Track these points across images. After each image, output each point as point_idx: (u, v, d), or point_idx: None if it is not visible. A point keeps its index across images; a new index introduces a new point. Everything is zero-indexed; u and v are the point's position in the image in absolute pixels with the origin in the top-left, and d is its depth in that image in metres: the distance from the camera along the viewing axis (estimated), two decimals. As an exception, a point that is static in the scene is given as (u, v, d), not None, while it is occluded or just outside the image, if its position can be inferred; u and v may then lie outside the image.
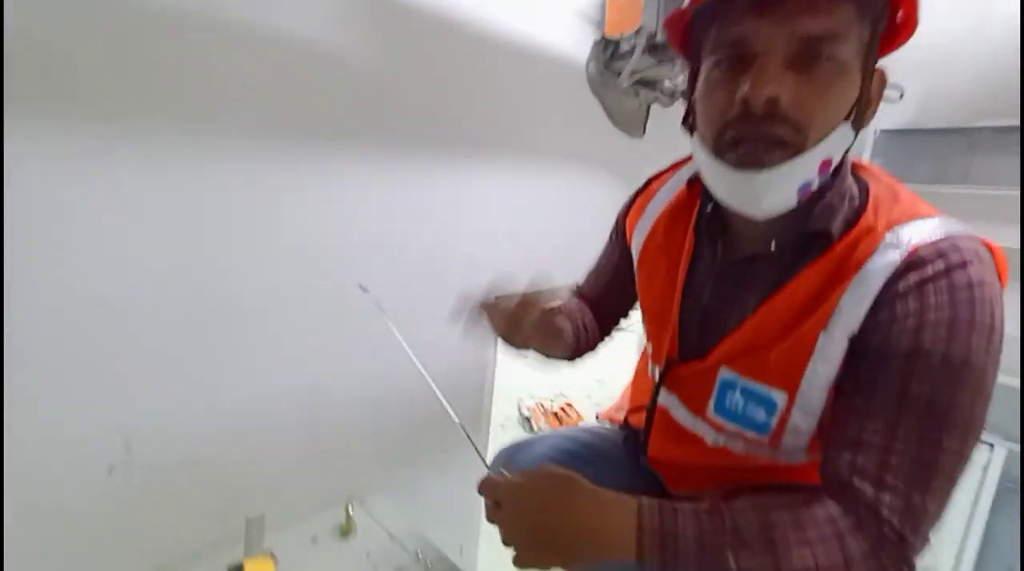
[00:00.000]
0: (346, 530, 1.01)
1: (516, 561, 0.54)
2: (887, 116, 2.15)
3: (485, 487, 0.56)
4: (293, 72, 0.91)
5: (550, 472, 0.56)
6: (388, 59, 1.05)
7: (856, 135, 0.54)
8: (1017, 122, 1.89)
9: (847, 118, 0.52)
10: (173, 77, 0.78)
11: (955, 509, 2.10)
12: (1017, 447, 1.98)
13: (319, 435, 1.07)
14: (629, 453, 0.83)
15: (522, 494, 0.55)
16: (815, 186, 0.53)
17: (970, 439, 0.49)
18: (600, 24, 1.49)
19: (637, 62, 1.46)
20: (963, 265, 0.48)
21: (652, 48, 1.43)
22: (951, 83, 2.02)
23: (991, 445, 1.99)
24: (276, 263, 0.95)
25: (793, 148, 0.50)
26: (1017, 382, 1.88)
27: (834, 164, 0.54)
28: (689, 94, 0.62)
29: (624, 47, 1.48)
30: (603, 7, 1.48)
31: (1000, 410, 1.74)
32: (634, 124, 1.72)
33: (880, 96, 0.56)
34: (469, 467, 0.68)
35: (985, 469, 2.00)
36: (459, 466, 1.40)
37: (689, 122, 0.61)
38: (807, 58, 0.49)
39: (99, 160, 0.74)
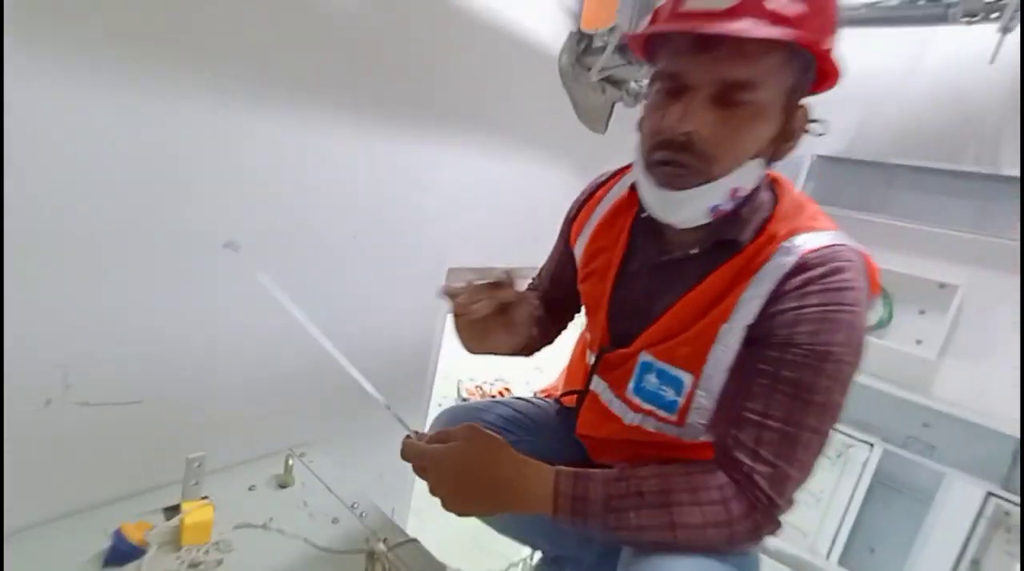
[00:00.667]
0: (285, 481, 1.04)
1: (444, 507, 0.62)
2: (825, 143, 2.34)
3: (407, 451, 0.64)
4: (277, 17, 0.90)
5: (478, 431, 0.64)
6: (371, 19, 1.05)
7: (767, 165, 0.64)
8: (933, 165, 2.13)
9: (763, 154, 0.61)
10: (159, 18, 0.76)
11: (836, 498, 2.39)
12: (891, 447, 2.26)
13: (263, 386, 1.08)
14: (562, 425, 0.92)
15: (446, 453, 0.62)
16: (727, 208, 0.62)
17: (827, 419, 0.59)
18: (577, 17, 1.54)
19: (607, 59, 1.52)
20: (839, 271, 0.58)
21: (623, 48, 1.50)
22: (881, 119, 2.23)
23: (871, 445, 2.27)
24: (236, 208, 0.94)
25: (704, 176, 0.59)
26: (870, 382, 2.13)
27: (745, 192, 0.63)
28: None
29: (597, 43, 1.54)
30: (582, 0, 1.52)
31: (877, 413, 2.00)
32: (597, 119, 1.79)
33: (802, 130, 0.65)
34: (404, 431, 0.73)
35: (864, 465, 2.28)
36: (397, 428, 1.45)
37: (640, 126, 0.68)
38: (728, 99, 0.57)
39: (74, 88, 0.71)
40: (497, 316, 0.66)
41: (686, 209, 0.62)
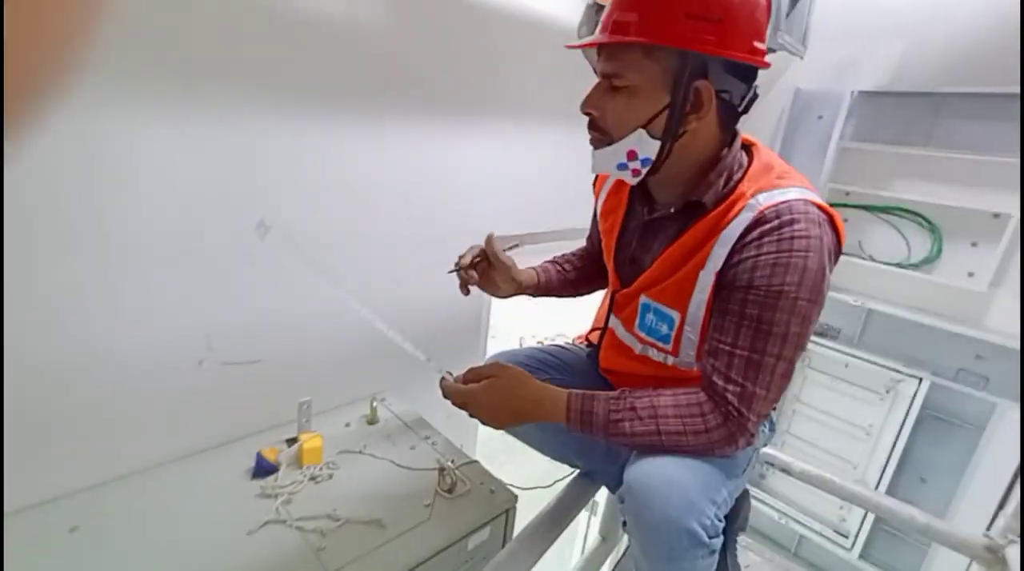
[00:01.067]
0: (371, 420, 1.30)
1: (484, 424, 0.83)
2: (866, 78, 2.27)
3: (445, 391, 0.86)
4: (324, 39, 1.09)
5: (502, 366, 0.83)
6: (401, 30, 1.21)
7: (683, 129, 0.75)
8: (984, 90, 2.03)
9: (646, 125, 0.74)
10: (235, 54, 0.97)
11: (886, 429, 2.44)
12: (941, 381, 2.27)
13: (351, 345, 1.34)
14: (591, 366, 1.10)
15: (479, 388, 0.82)
16: (637, 167, 0.78)
17: (787, 347, 0.71)
18: (593, -11, 1.61)
19: (627, 26, 1.60)
20: (791, 222, 0.69)
21: (640, 14, 1.57)
22: (925, 47, 2.12)
23: (919, 379, 2.29)
24: (316, 200, 1.18)
25: (605, 142, 0.78)
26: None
27: (641, 155, 0.76)
28: None
29: (614, 13, 1.62)
30: (596, -27, 1.59)
31: (927, 347, 2.04)
32: (623, 83, 1.88)
33: (710, 102, 0.73)
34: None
35: (912, 398, 2.31)
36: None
37: None
38: (610, 85, 0.75)
39: (187, 119, 0.94)
40: (486, 277, 0.98)
41: (601, 163, 0.80)
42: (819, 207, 0.73)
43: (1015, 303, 2.06)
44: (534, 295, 1.08)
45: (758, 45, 0.73)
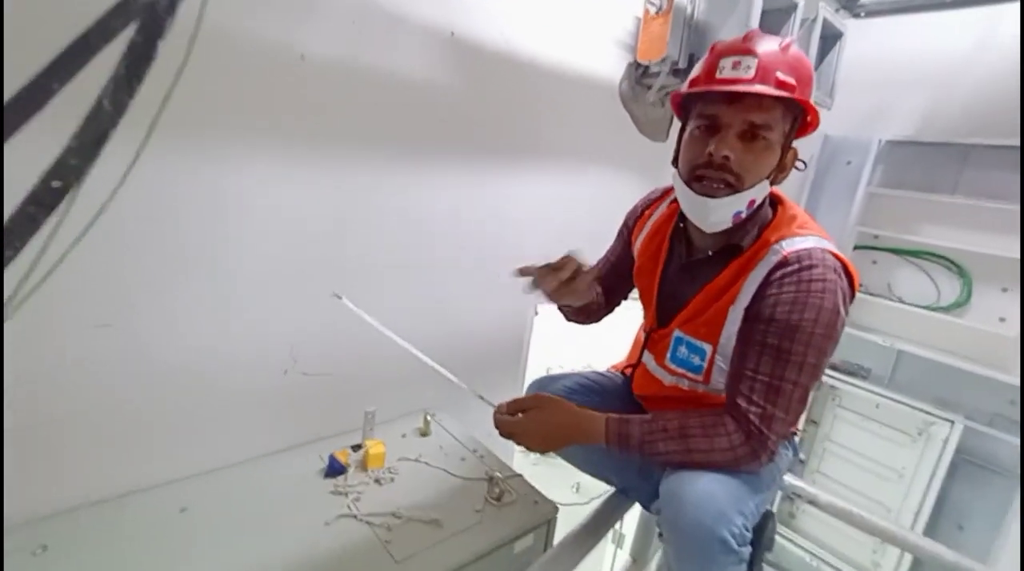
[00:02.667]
0: (424, 432, 1.43)
1: (530, 450, 0.92)
2: (892, 127, 2.38)
3: (496, 423, 0.93)
4: (399, 103, 1.28)
5: (543, 397, 0.93)
6: (465, 88, 1.40)
7: (770, 185, 0.87)
8: (1011, 142, 2.11)
9: (768, 177, 0.86)
10: (321, 116, 1.16)
11: (919, 472, 2.43)
12: (975, 425, 2.27)
13: (405, 363, 1.47)
14: (626, 391, 1.21)
15: (524, 420, 0.91)
16: (743, 215, 0.87)
17: (803, 375, 0.81)
18: (632, 50, 1.80)
19: (665, 79, 1.78)
20: (810, 268, 0.80)
21: (675, 71, 1.74)
22: (951, 100, 2.23)
23: (951, 422, 2.29)
24: (385, 234, 1.35)
25: (733, 189, 0.83)
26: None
27: (757, 204, 0.87)
28: (677, 144, 0.96)
29: (653, 69, 1.79)
30: (636, 36, 1.77)
31: (959, 391, 2.08)
32: (659, 130, 2.04)
33: (793, 164, 0.88)
34: (508, 396, 1.07)
35: (945, 442, 2.31)
36: (502, 395, 1.81)
37: (674, 161, 0.95)
38: (751, 135, 0.82)
39: (278, 169, 1.13)
40: (566, 285, 0.90)
41: (718, 213, 0.85)
42: (834, 255, 0.84)
43: (1048, 349, 2.08)
44: (579, 317, 1.16)
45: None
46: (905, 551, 2.27)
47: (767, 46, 0.81)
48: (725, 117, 0.81)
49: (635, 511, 1.35)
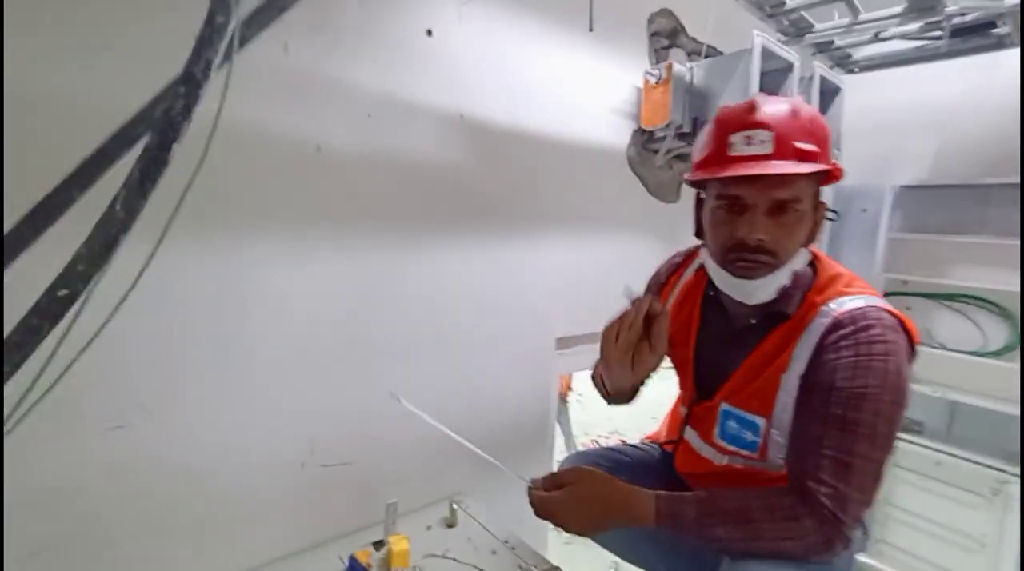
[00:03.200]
0: (451, 522, 1.33)
1: (569, 531, 0.82)
2: (905, 172, 2.37)
3: (532, 500, 0.85)
4: (413, 186, 1.30)
5: (582, 471, 0.84)
6: (476, 166, 1.43)
7: (808, 249, 0.83)
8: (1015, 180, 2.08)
9: (804, 244, 0.82)
10: (336, 203, 1.18)
11: (1004, 541, 2.17)
12: None
13: (428, 447, 1.41)
14: (664, 465, 1.11)
15: (562, 496, 0.81)
16: (788, 286, 0.82)
17: (876, 448, 0.73)
18: (635, 117, 1.85)
19: (670, 143, 1.81)
20: (867, 328, 0.75)
21: (681, 134, 1.78)
22: (962, 141, 2.23)
23: (1027, 477, 2.07)
24: (405, 314, 1.32)
25: (772, 266, 0.80)
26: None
27: (798, 271, 0.83)
28: (696, 213, 0.93)
29: (657, 134, 1.83)
30: (638, 105, 1.83)
31: None
32: (670, 191, 2.05)
33: (823, 218, 0.85)
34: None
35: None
36: (532, 476, 1.69)
37: (697, 232, 0.92)
38: (780, 210, 0.78)
39: (294, 258, 1.13)
40: (642, 338, 0.79)
41: (762, 292, 0.82)
42: (890, 313, 0.78)
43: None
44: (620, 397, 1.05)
45: None
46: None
47: (778, 113, 0.78)
48: (750, 198, 0.78)
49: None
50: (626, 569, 2.29)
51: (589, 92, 1.70)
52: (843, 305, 0.79)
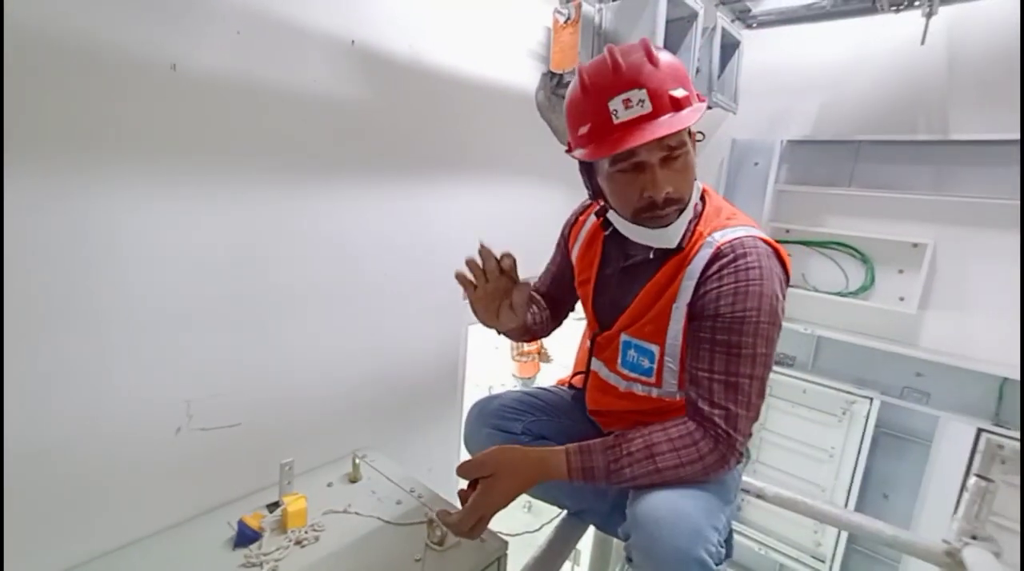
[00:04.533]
0: (354, 477, 1.29)
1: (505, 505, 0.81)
2: (792, 129, 2.55)
3: (456, 527, 0.81)
4: (302, 115, 1.16)
5: (488, 456, 0.82)
6: (375, 102, 1.30)
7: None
8: (892, 138, 2.32)
9: (695, 178, 0.84)
10: (198, 128, 1.03)
11: (847, 449, 2.56)
12: (889, 399, 2.43)
13: (329, 404, 1.34)
14: (576, 407, 1.14)
15: (483, 493, 0.79)
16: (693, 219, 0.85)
17: (758, 366, 0.79)
18: (546, 60, 1.78)
19: (578, 89, 1.77)
20: (744, 256, 0.79)
21: (590, 80, 1.74)
22: (840, 102, 2.42)
23: (871, 399, 2.45)
24: (301, 263, 1.21)
25: (680, 208, 0.82)
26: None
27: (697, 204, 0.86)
28: (589, 182, 0.90)
29: (566, 79, 1.78)
30: (548, 47, 1.76)
31: (873, 369, 2.21)
32: (578, 139, 2.04)
33: (695, 143, 0.86)
34: (446, 430, 0.96)
35: (867, 418, 2.45)
36: (438, 429, 1.69)
37: (600, 198, 0.90)
38: (672, 159, 0.79)
39: (175, 194, 0.98)
40: (502, 299, 0.85)
41: (676, 233, 0.84)
42: (765, 242, 0.83)
43: (944, 322, 2.28)
44: (524, 337, 1.11)
45: None
46: (844, 531, 2.38)
47: (642, 66, 0.77)
48: (644, 155, 0.78)
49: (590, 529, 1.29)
50: (537, 506, 2.44)
51: (498, 29, 1.60)
52: (725, 236, 0.83)
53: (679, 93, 0.77)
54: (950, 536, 1.20)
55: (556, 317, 1.19)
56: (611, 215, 0.90)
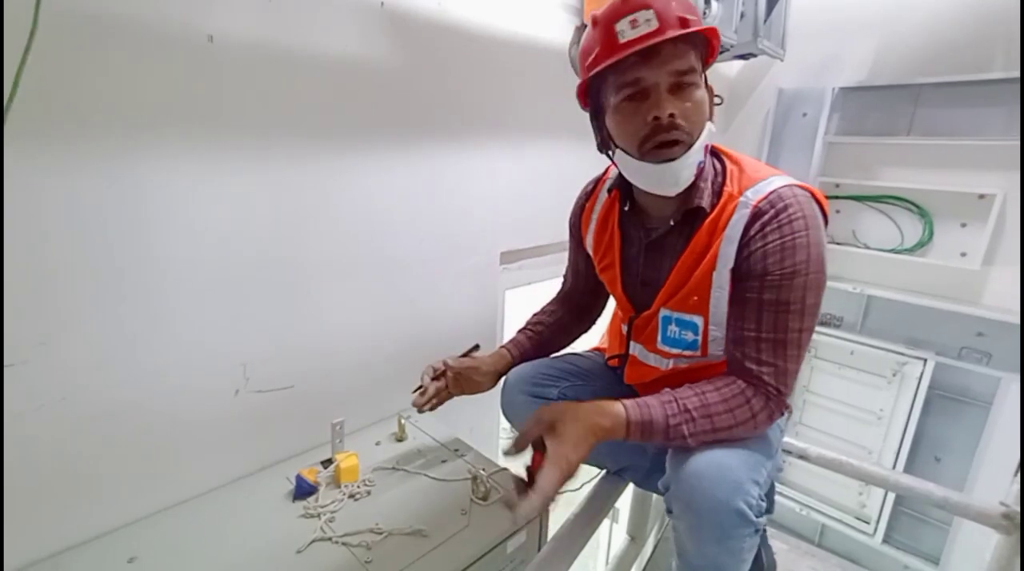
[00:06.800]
0: (400, 436, 1.34)
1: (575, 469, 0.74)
2: (844, 75, 2.36)
3: (545, 489, 0.70)
4: (334, 83, 1.16)
5: (544, 412, 0.76)
6: (404, 64, 1.29)
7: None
8: (957, 78, 2.12)
9: (709, 118, 0.80)
10: (236, 100, 1.04)
11: (896, 412, 2.48)
12: (945, 360, 2.32)
13: (374, 368, 1.39)
14: (611, 373, 1.14)
15: (553, 450, 0.71)
16: (704, 164, 0.82)
17: (806, 319, 0.77)
18: (580, 12, 1.70)
19: (613, 42, 1.69)
20: (785, 209, 0.76)
21: (626, 31, 1.66)
22: (898, 42, 2.22)
23: (924, 360, 2.34)
24: (339, 232, 1.24)
25: (688, 143, 0.78)
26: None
27: (708, 147, 0.82)
28: (598, 130, 0.88)
29: (601, 31, 1.70)
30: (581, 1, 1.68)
31: (928, 328, 2.11)
32: (614, 96, 1.96)
33: (713, 100, 0.82)
34: (489, 395, 1.00)
35: (919, 380, 2.36)
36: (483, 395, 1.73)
37: (607, 148, 0.87)
38: (680, 87, 0.76)
39: (200, 169, 1.01)
40: (460, 385, 1.11)
41: (684, 172, 0.79)
42: (801, 186, 0.80)
43: (1010, 279, 2.13)
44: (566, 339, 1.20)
45: None
46: (892, 492, 2.33)
47: None
48: (650, 77, 0.75)
49: (629, 488, 1.31)
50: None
51: (527, -21, 1.54)
52: (759, 192, 0.79)
53: (686, 15, 0.75)
54: (1008, 499, 1.16)
55: (591, 308, 1.21)
56: (619, 159, 0.85)
